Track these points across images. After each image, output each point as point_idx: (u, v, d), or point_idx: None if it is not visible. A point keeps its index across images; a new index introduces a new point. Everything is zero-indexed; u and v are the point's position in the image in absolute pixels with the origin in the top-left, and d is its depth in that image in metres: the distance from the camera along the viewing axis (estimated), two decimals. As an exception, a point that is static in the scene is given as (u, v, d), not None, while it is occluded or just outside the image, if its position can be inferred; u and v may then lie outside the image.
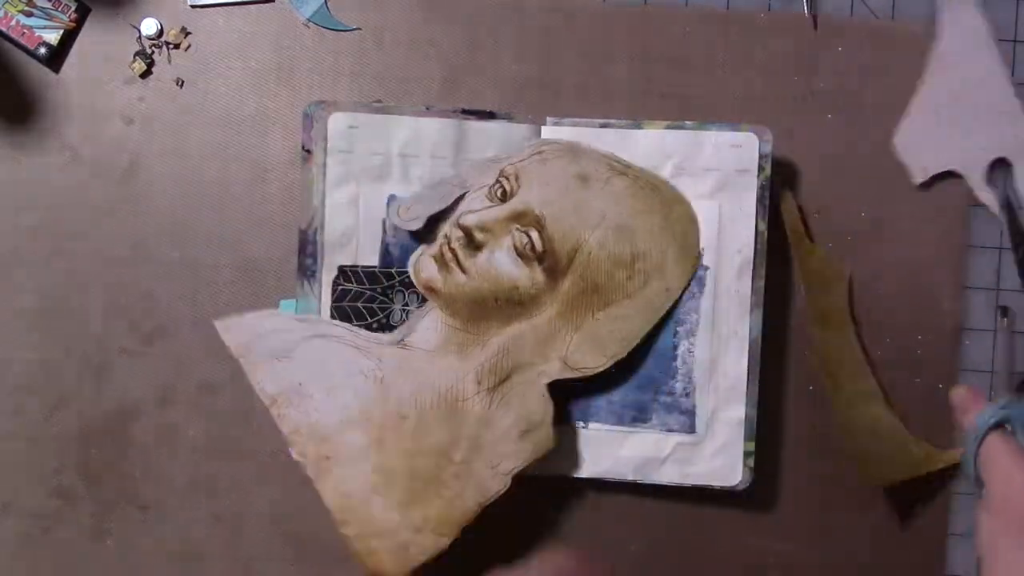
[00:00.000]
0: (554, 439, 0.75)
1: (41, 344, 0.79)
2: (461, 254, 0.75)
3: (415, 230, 0.77)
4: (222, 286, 0.80)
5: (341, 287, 0.77)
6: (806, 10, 0.80)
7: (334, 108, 0.76)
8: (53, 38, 0.79)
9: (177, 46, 0.80)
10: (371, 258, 0.77)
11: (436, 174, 0.77)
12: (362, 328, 0.76)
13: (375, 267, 0.77)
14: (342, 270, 0.77)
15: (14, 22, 0.78)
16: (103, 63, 0.80)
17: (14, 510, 0.79)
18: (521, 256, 0.75)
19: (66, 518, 0.79)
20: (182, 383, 0.80)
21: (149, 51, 0.80)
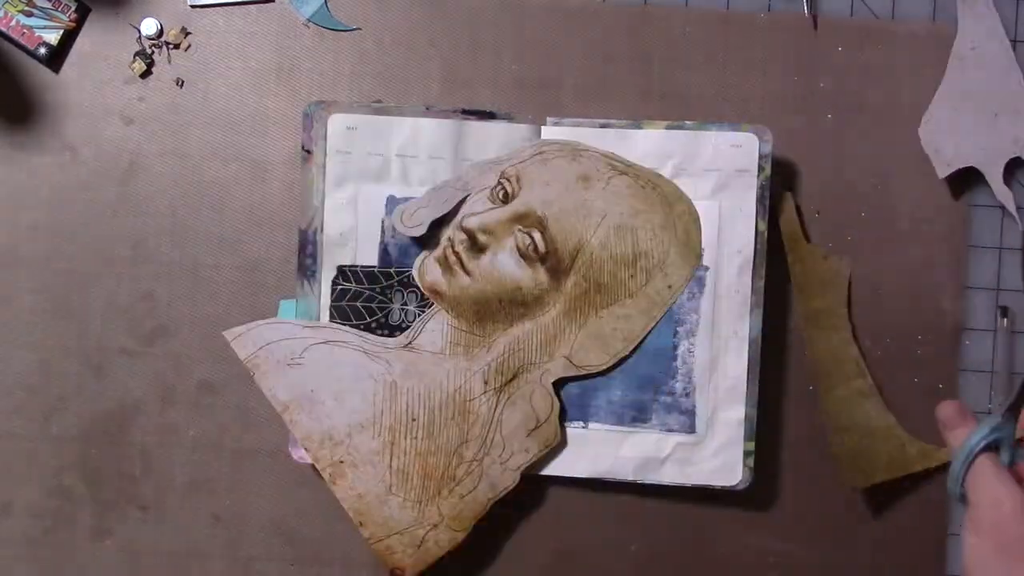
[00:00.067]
0: (559, 434, 0.76)
1: (41, 344, 0.79)
2: (465, 257, 0.76)
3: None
4: (222, 286, 0.80)
5: (340, 287, 0.77)
6: (806, 10, 0.80)
7: (334, 108, 0.76)
8: (53, 38, 0.79)
9: (177, 46, 0.80)
10: (370, 258, 0.77)
11: (436, 174, 0.77)
12: (364, 330, 0.76)
13: (374, 267, 0.77)
14: (341, 270, 0.77)
15: (14, 22, 0.78)
16: (103, 63, 0.80)
17: (14, 510, 0.79)
18: (524, 257, 0.75)
19: (66, 518, 0.79)
20: (182, 383, 0.79)
21: (149, 51, 0.80)
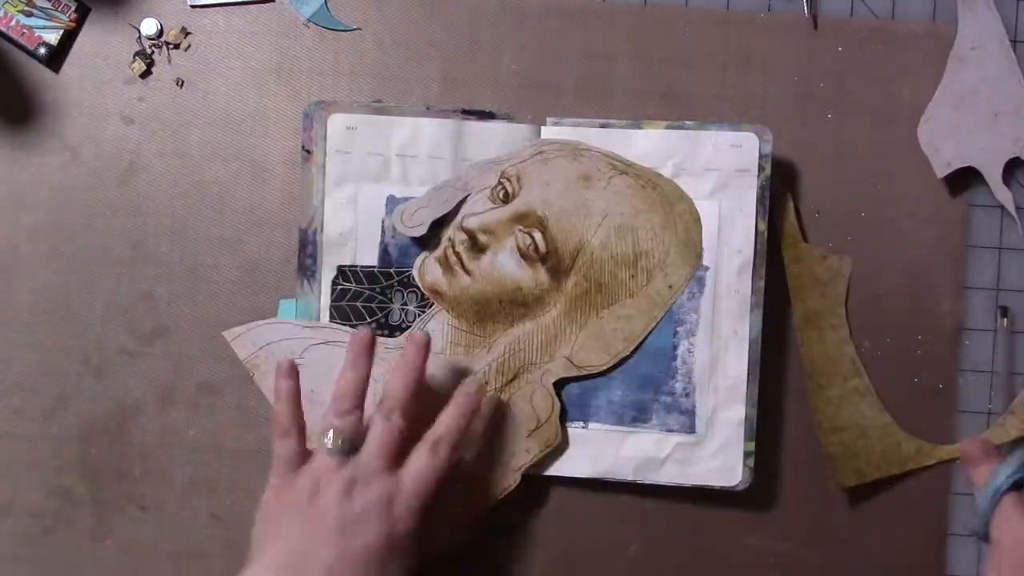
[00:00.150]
0: (560, 434, 0.76)
1: (41, 344, 0.79)
2: (465, 257, 0.76)
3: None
4: (222, 286, 0.80)
5: (340, 287, 0.77)
6: (806, 10, 0.80)
7: (334, 108, 0.76)
8: (53, 38, 0.78)
9: (177, 46, 0.80)
10: (370, 258, 0.77)
11: (436, 175, 0.77)
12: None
13: (374, 267, 0.77)
14: (341, 270, 0.77)
15: (14, 22, 0.78)
16: (103, 63, 0.80)
17: (14, 510, 0.79)
18: (524, 257, 0.75)
19: (66, 518, 0.79)
20: (182, 383, 0.79)
21: (149, 51, 0.80)
